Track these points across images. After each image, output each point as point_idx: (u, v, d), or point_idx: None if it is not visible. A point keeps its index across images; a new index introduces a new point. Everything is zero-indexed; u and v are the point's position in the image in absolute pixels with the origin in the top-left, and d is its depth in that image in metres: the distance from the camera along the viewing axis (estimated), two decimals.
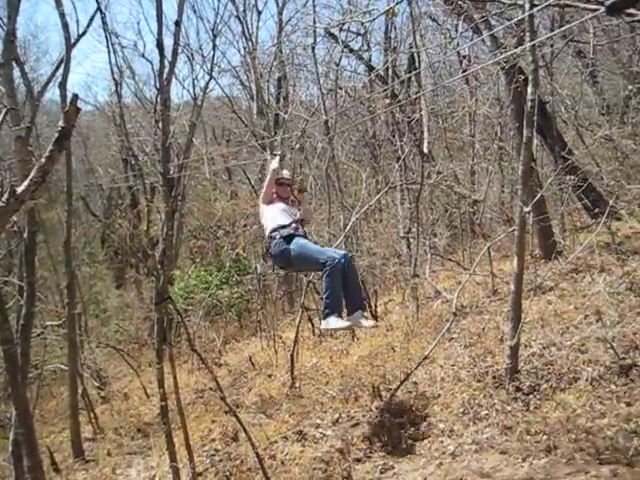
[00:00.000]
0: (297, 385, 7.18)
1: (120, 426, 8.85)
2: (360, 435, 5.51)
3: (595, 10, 7.46)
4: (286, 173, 6.27)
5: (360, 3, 12.22)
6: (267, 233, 5.81)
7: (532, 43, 5.48)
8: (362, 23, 11.78)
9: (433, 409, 5.53)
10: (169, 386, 5.40)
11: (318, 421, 6.03)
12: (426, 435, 5.23)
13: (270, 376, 8.21)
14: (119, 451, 7.82)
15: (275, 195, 5.99)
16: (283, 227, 5.68)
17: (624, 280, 6.33)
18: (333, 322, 5.32)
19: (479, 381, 5.57)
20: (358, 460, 5.22)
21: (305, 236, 5.81)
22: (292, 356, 7.48)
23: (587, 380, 5.01)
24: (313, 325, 9.22)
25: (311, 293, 9.96)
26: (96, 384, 11.67)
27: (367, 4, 11.71)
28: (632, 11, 6.44)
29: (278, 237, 5.64)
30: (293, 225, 5.71)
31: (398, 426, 5.44)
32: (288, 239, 5.59)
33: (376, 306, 8.91)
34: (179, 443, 5.48)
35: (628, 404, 4.58)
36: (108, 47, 16.16)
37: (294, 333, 7.95)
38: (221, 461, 5.85)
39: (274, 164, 6.05)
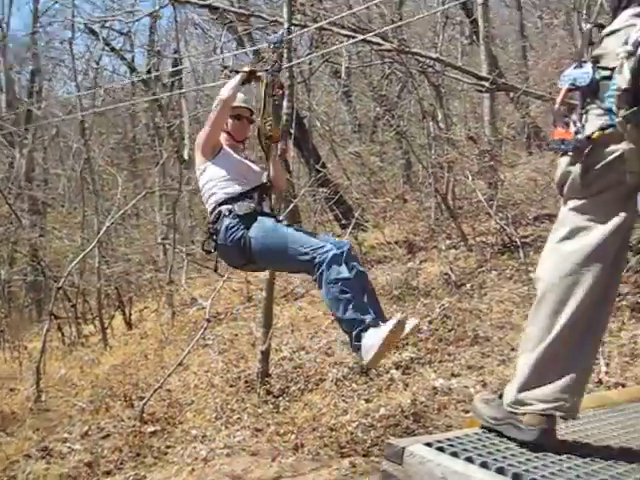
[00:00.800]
0: (43, 398, 6.72)
1: None
2: (111, 447, 5.30)
3: (349, 36, 8.03)
4: (242, 98, 3.79)
5: (125, 2, 11.92)
6: (209, 207, 3.57)
7: (293, 63, 5.71)
8: (126, 22, 11.45)
9: (186, 416, 5.50)
10: None
11: (66, 435, 5.69)
12: (179, 442, 5.18)
13: (13, 390, 7.59)
14: None
15: (227, 138, 3.67)
16: (237, 198, 3.48)
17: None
18: (376, 337, 2.94)
19: (232, 386, 5.66)
20: (108, 473, 5.01)
21: (274, 215, 3.60)
22: (38, 367, 6.99)
23: (332, 381, 5.31)
24: (63, 334, 8.71)
25: (61, 300, 9.39)
26: None
27: (132, 4, 11.45)
28: (379, 40, 7.02)
29: (230, 216, 3.42)
30: (255, 195, 3.53)
31: (150, 435, 5.32)
32: (247, 220, 3.37)
33: (130, 314, 8.67)
34: None
35: (367, 400, 4.94)
36: None
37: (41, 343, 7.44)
38: None
39: (232, 84, 3.56)
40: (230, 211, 3.40)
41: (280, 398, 5.27)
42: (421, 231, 8.02)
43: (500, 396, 2.03)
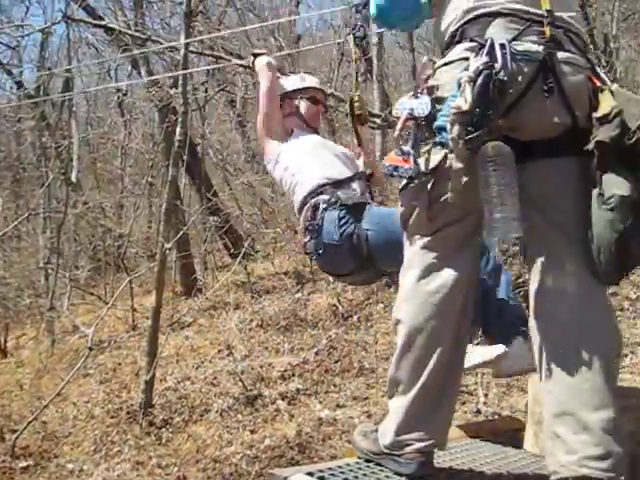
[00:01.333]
0: None
1: None
2: None
3: (245, 67, 8.11)
4: (316, 80, 3.28)
5: (14, 16, 11.49)
6: (299, 199, 2.79)
7: (190, 88, 5.70)
8: (14, 37, 11.01)
9: (63, 449, 5.26)
10: None
11: None
12: (53, 477, 4.94)
13: None
14: None
15: (298, 124, 3.02)
16: (341, 183, 2.77)
17: (255, 317, 6.83)
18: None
19: (113, 417, 5.48)
20: None
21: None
22: None
23: (217, 411, 5.25)
24: None
25: None
26: None
27: (22, 18, 11.05)
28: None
29: (336, 207, 2.64)
30: (360, 182, 2.86)
31: (22, 471, 5.05)
32: (357, 212, 2.64)
33: (6, 341, 8.23)
34: None
35: (252, 431, 4.91)
36: None
37: None
38: None
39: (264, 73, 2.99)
40: (335, 200, 2.65)
41: (163, 429, 5.16)
42: (310, 263, 8.11)
43: (377, 430, 2.09)
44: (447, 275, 1.91)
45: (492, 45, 1.72)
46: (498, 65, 1.68)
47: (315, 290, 7.26)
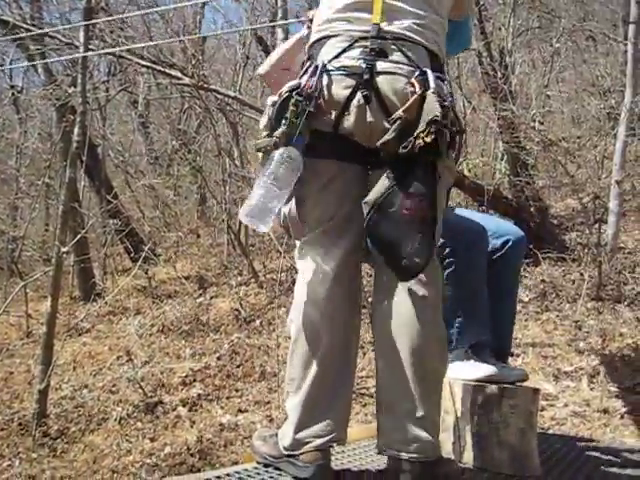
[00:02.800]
0: None
1: None
2: None
3: (148, 67, 7.96)
4: None
5: None
6: None
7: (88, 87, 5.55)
8: None
9: None
10: None
11: None
12: None
13: None
14: None
15: None
16: None
17: (156, 322, 6.72)
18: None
19: (3, 429, 5.25)
20: None
21: None
22: None
23: (116, 420, 5.13)
24: None
25: None
26: None
27: None
28: (178, 74, 7.05)
29: None
30: None
31: None
32: None
33: None
34: None
35: (152, 439, 4.82)
36: None
37: None
38: None
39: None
40: None
41: (58, 440, 4.98)
42: (213, 266, 8.06)
43: (277, 434, 2.11)
44: (327, 276, 2.03)
45: (310, 66, 1.98)
46: (305, 85, 1.94)
47: (218, 294, 7.22)
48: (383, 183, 1.89)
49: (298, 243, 2.19)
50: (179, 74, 7.06)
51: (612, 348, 5.04)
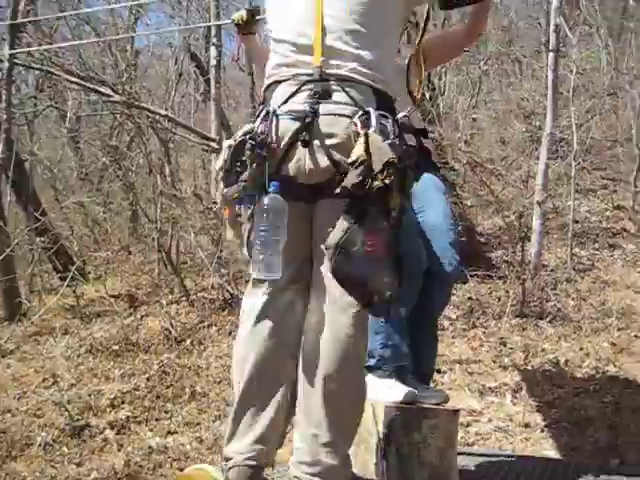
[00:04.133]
0: None
1: None
2: None
3: (77, 84, 7.85)
4: None
5: None
6: None
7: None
8: None
9: None
10: None
11: None
12: None
13: None
14: None
15: None
16: None
17: (84, 343, 6.56)
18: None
19: None
20: None
21: None
22: None
23: (40, 445, 4.98)
24: None
25: None
26: None
27: None
28: (108, 91, 6.98)
29: None
30: None
31: None
32: None
33: None
34: None
35: (78, 464, 4.71)
36: None
37: None
38: None
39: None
40: None
41: None
42: (144, 285, 7.94)
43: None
44: (264, 296, 2.15)
45: (262, 111, 2.10)
46: (258, 130, 2.06)
47: (148, 313, 7.12)
48: (342, 224, 1.96)
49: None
50: (109, 91, 6.98)
51: (534, 363, 5.22)
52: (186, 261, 7.94)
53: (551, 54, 6.66)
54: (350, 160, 1.94)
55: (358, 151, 1.93)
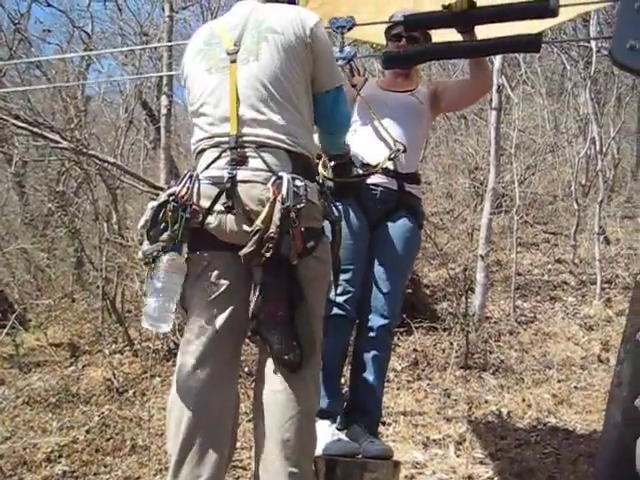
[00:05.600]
0: None
1: None
2: None
3: (24, 128, 7.76)
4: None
5: None
6: None
7: None
8: None
9: None
10: None
11: None
12: None
13: None
14: None
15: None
16: None
17: (22, 394, 6.35)
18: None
19: None
20: None
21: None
22: None
23: None
24: None
25: None
26: None
27: None
28: (56, 137, 6.91)
29: None
30: None
31: None
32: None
33: None
34: None
35: None
36: None
37: None
38: None
39: None
40: None
41: None
42: (87, 333, 7.77)
43: None
44: (199, 344, 2.22)
45: (185, 175, 2.24)
46: (179, 192, 2.19)
47: (90, 363, 6.95)
48: (254, 294, 2.15)
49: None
50: (58, 137, 6.92)
51: (478, 415, 5.26)
52: (131, 310, 7.81)
53: (494, 112, 6.91)
54: (249, 229, 2.10)
55: (258, 220, 2.08)
